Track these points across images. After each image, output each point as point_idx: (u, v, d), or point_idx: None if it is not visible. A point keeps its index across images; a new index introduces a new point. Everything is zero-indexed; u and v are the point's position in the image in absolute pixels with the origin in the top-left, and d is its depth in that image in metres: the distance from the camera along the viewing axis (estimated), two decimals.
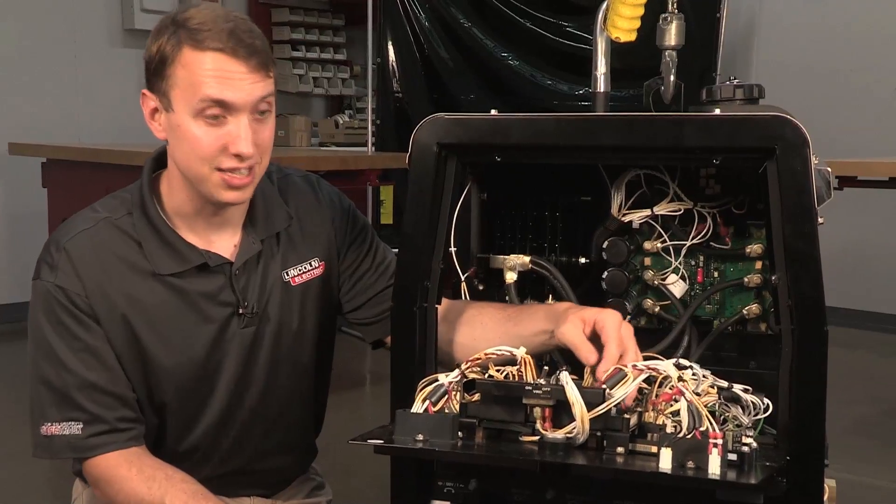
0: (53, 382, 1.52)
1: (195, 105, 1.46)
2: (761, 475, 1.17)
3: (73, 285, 1.51)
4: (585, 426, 1.21)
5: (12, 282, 5.25)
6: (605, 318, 1.36)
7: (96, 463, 1.54)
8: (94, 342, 1.52)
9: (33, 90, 5.54)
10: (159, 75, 1.49)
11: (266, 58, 1.50)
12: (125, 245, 1.55)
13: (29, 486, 3.11)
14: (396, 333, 1.46)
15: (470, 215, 1.60)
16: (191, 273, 1.57)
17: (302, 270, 1.66)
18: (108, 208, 1.59)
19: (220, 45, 1.45)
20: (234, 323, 1.60)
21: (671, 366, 1.29)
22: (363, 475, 3.00)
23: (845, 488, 1.43)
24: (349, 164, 4.74)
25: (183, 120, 1.48)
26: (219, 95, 1.45)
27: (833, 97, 5.55)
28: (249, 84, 1.47)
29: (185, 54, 1.46)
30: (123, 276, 1.54)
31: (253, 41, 1.47)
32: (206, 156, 1.48)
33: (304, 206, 1.68)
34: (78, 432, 1.52)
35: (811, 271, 1.25)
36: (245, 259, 1.60)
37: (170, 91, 1.48)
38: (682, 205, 1.50)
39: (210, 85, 1.45)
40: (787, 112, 1.30)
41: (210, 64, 1.45)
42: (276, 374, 1.65)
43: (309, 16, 7.31)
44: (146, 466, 1.52)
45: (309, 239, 1.67)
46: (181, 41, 1.46)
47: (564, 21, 5.86)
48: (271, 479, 1.75)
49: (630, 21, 1.55)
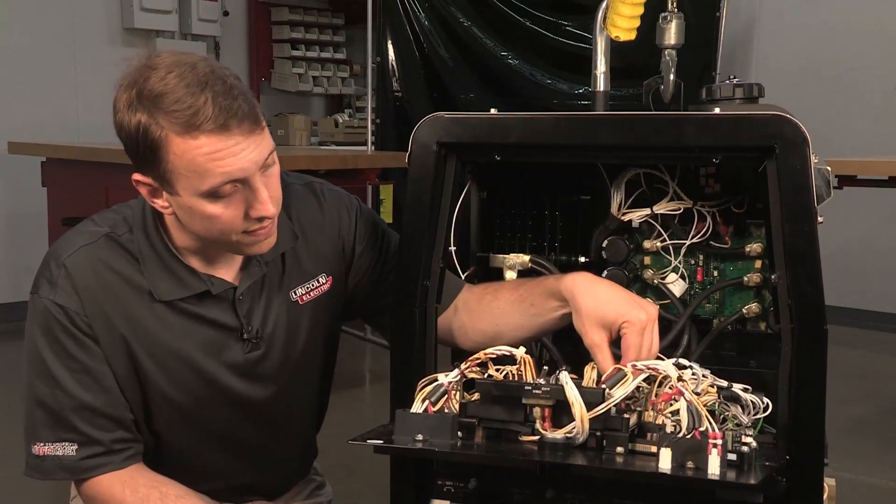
0: (48, 402, 1.48)
1: (203, 190, 1.37)
2: (761, 475, 1.17)
3: (72, 304, 1.46)
4: (585, 426, 1.21)
5: (12, 281, 5.25)
6: (628, 328, 1.36)
7: (91, 484, 1.51)
8: (93, 363, 1.48)
9: (33, 89, 5.54)
10: (151, 161, 1.38)
11: (255, 112, 1.38)
12: (126, 263, 1.49)
13: (27, 485, 3.10)
14: (396, 333, 1.46)
15: (469, 214, 1.59)
16: (192, 298, 1.51)
17: (309, 288, 1.60)
18: (109, 222, 1.52)
19: (211, 126, 1.33)
20: (238, 348, 1.55)
21: (671, 365, 1.29)
22: (363, 475, 3.00)
23: (845, 488, 1.44)
24: (349, 164, 4.74)
25: (193, 202, 1.39)
26: (227, 177, 1.36)
27: (833, 96, 5.55)
28: (252, 149, 1.37)
29: (174, 143, 1.34)
30: (124, 295, 1.49)
31: (237, 103, 1.35)
32: (229, 227, 1.41)
33: (309, 221, 1.61)
34: (72, 453, 1.48)
35: (811, 270, 1.25)
36: (249, 283, 1.54)
37: (170, 177, 1.38)
38: (681, 204, 1.50)
39: (214, 169, 1.35)
40: (786, 111, 1.30)
41: (207, 147, 1.34)
42: (281, 394, 1.61)
43: (308, 15, 7.31)
44: (140, 486, 1.49)
45: (315, 256, 1.61)
46: (164, 128, 1.34)
47: (564, 20, 5.85)
48: (273, 486, 1.74)
49: (630, 20, 1.55)
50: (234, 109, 1.34)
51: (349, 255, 1.64)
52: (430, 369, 1.44)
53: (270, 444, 1.66)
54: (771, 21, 5.99)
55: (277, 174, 1.45)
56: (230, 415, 1.58)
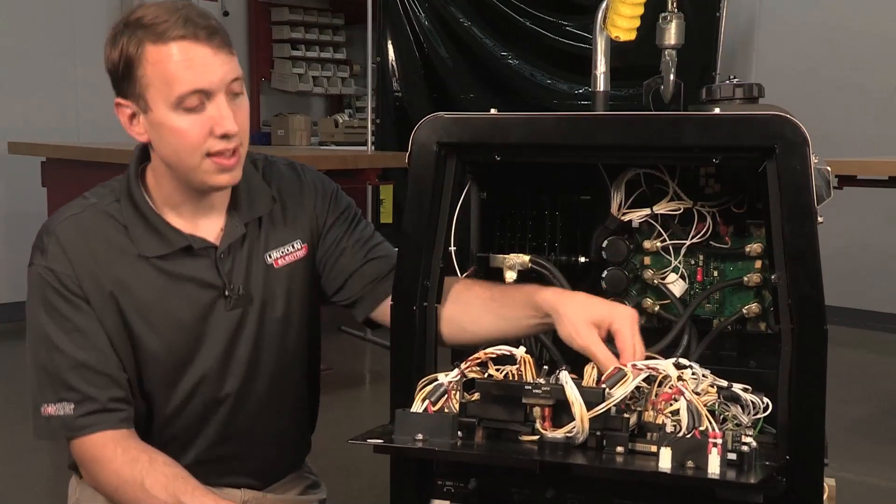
0: (47, 365, 1.55)
1: (173, 99, 1.48)
2: (761, 474, 1.17)
3: (62, 267, 1.55)
4: (585, 426, 1.21)
5: (12, 281, 5.24)
6: (620, 323, 1.37)
7: (84, 442, 1.55)
8: (85, 322, 1.55)
9: (33, 89, 5.54)
10: (129, 79, 1.51)
11: (225, 36, 1.52)
12: (112, 229, 1.59)
13: (25, 485, 3.10)
14: (396, 333, 1.46)
15: (469, 214, 1.60)
16: (176, 256, 1.59)
17: (284, 252, 1.67)
18: (96, 196, 1.63)
19: (182, 32, 1.47)
20: (220, 305, 1.62)
21: (671, 365, 1.29)
22: (363, 475, 2.99)
23: (845, 487, 1.44)
24: (349, 164, 4.74)
25: (163, 116, 1.50)
26: (193, 84, 1.48)
27: (833, 96, 5.54)
28: (219, 65, 1.50)
29: (149, 52, 1.48)
30: (111, 258, 1.57)
31: (209, 22, 1.51)
32: (195, 144, 1.51)
33: (288, 190, 1.70)
34: (71, 412, 1.54)
35: (811, 270, 1.25)
36: (229, 242, 1.62)
37: (144, 92, 1.50)
38: (681, 204, 1.50)
39: (183, 76, 1.47)
40: (786, 111, 1.30)
41: (177, 55, 1.47)
42: (259, 357, 1.66)
43: (308, 15, 7.31)
44: (131, 448, 1.54)
45: (291, 221, 1.69)
46: (141, 40, 1.48)
47: (564, 20, 5.86)
48: (261, 469, 1.75)
49: (630, 20, 1.55)
50: (205, 25, 1.49)
51: (320, 227, 1.71)
52: (430, 369, 1.44)
53: (252, 415, 1.68)
54: (771, 21, 5.99)
55: (244, 108, 1.55)
56: (211, 376, 1.63)
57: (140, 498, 1.50)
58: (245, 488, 1.73)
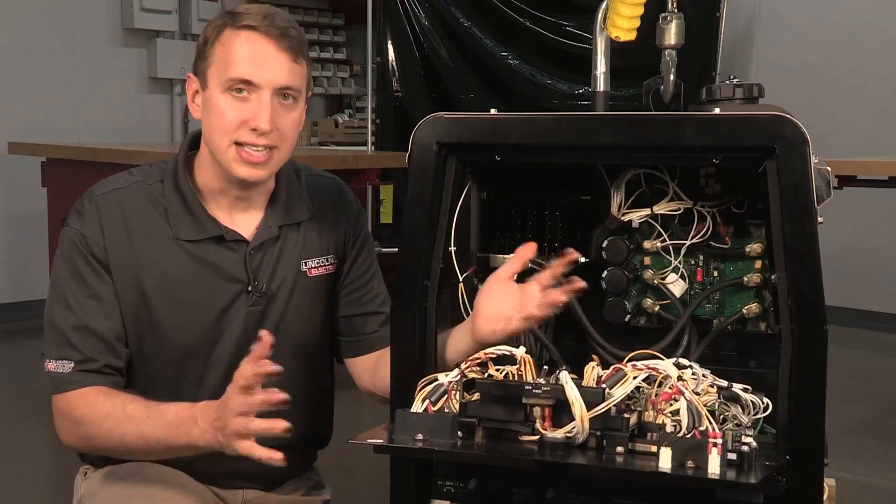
0: (58, 322, 1.60)
1: (224, 80, 1.56)
2: (761, 474, 1.17)
3: (94, 235, 1.60)
4: (585, 425, 1.21)
5: (12, 281, 5.24)
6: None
7: (71, 395, 1.57)
8: (103, 292, 1.60)
9: (33, 89, 5.54)
10: (202, 56, 1.60)
11: (298, 44, 1.58)
12: (152, 209, 1.63)
13: (26, 485, 3.11)
14: (396, 333, 1.46)
15: (469, 214, 1.60)
16: (208, 243, 1.64)
17: (320, 263, 1.73)
18: (143, 174, 1.68)
19: (255, 23, 1.55)
20: (242, 300, 1.65)
21: (671, 365, 1.29)
22: (363, 475, 2.99)
23: (845, 487, 1.43)
24: (349, 164, 4.73)
25: (213, 94, 1.58)
26: (245, 74, 1.55)
27: (833, 96, 5.54)
28: (276, 65, 1.56)
29: (224, 34, 1.57)
30: (145, 237, 1.62)
31: (288, 27, 1.57)
32: (226, 128, 1.56)
33: (328, 206, 1.75)
34: (69, 371, 1.58)
35: (811, 270, 1.26)
36: (262, 241, 1.66)
37: (207, 70, 1.59)
38: (681, 204, 1.50)
39: (239, 62, 1.55)
40: (786, 111, 1.30)
41: (243, 42, 1.55)
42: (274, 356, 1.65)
43: (308, 15, 7.30)
44: (113, 394, 1.57)
45: (327, 237, 1.74)
46: (224, 23, 1.58)
47: (564, 20, 5.85)
48: (266, 470, 1.74)
49: (630, 20, 1.55)
50: (281, 26, 1.57)
51: (346, 254, 1.76)
52: (429, 369, 1.44)
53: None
54: (771, 21, 5.99)
55: (294, 116, 1.61)
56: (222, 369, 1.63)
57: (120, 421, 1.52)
58: (248, 489, 1.73)
